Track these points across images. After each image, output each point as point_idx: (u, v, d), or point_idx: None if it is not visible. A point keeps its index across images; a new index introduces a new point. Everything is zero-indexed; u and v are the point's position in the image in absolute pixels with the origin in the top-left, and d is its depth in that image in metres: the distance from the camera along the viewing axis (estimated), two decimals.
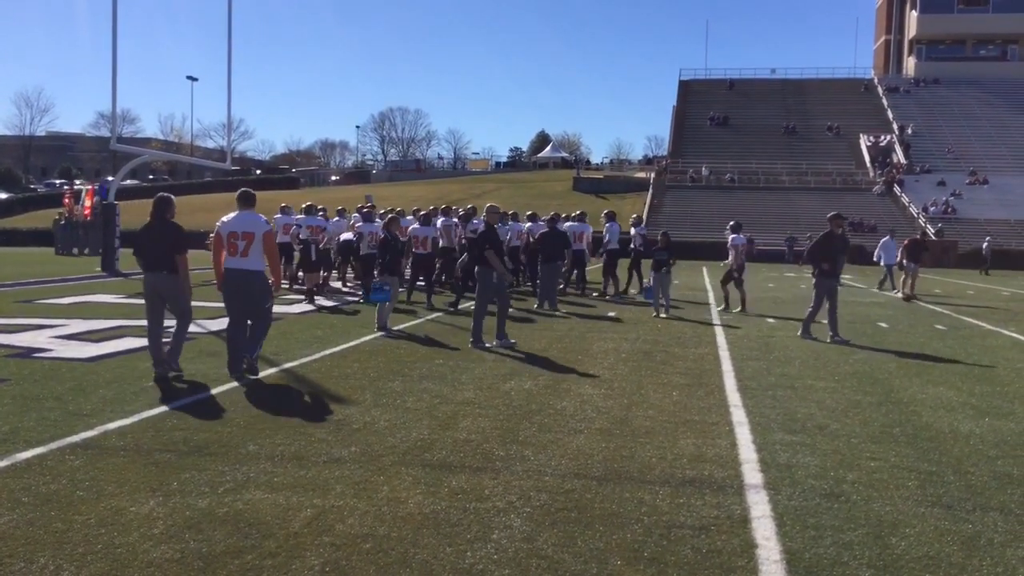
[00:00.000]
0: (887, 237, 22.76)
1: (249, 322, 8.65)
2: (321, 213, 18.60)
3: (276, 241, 9.28)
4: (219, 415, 6.74)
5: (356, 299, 16.64)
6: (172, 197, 8.82)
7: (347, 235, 18.13)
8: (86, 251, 32.86)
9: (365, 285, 17.39)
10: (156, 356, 8.38)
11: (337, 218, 19.82)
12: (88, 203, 33.55)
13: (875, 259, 23.18)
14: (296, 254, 17.65)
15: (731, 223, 16.90)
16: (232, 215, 8.62)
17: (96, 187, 33.66)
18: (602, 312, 15.39)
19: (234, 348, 8.54)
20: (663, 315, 14.50)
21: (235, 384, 7.99)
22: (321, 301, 15.96)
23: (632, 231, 19.73)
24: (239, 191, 8.98)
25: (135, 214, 39.39)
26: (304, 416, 6.78)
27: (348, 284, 19.66)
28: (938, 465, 5.81)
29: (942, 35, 79.09)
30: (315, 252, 16.81)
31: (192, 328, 11.06)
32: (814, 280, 12.34)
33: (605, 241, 19.12)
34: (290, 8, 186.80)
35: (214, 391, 7.65)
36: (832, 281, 12.17)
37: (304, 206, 18.54)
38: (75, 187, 41.45)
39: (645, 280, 18.18)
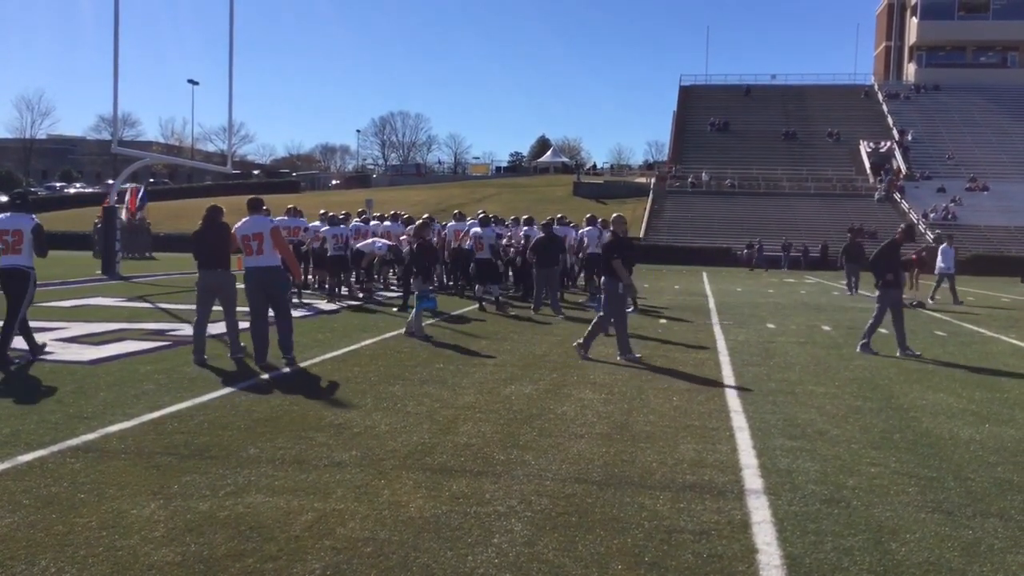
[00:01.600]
0: (944, 244, 21.60)
1: (273, 319, 9.52)
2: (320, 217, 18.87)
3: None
4: (220, 418, 6.74)
5: (358, 302, 16.66)
6: (220, 207, 9.85)
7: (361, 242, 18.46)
8: (130, 255, 32.57)
9: (330, 286, 17.90)
10: (199, 345, 9.36)
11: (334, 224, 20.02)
12: (131, 206, 33.20)
13: (936, 269, 21.50)
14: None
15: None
16: (245, 220, 9.57)
17: (139, 190, 33.28)
18: None
19: (259, 340, 9.42)
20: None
21: (235, 388, 8.00)
22: (320, 304, 15.98)
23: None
24: (247, 199, 9.79)
25: None
26: (305, 420, 6.79)
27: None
28: (938, 471, 5.82)
29: (942, 41, 79.19)
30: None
31: (192, 332, 11.16)
32: (878, 292, 11.79)
33: (584, 245, 19.29)
34: (291, 13, 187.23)
35: (215, 394, 7.65)
36: (898, 292, 11.66)
37: (287, 208, 18.99)
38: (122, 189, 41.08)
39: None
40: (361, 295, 18.17)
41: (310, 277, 19.67)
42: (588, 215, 20.41)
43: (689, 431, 6.76)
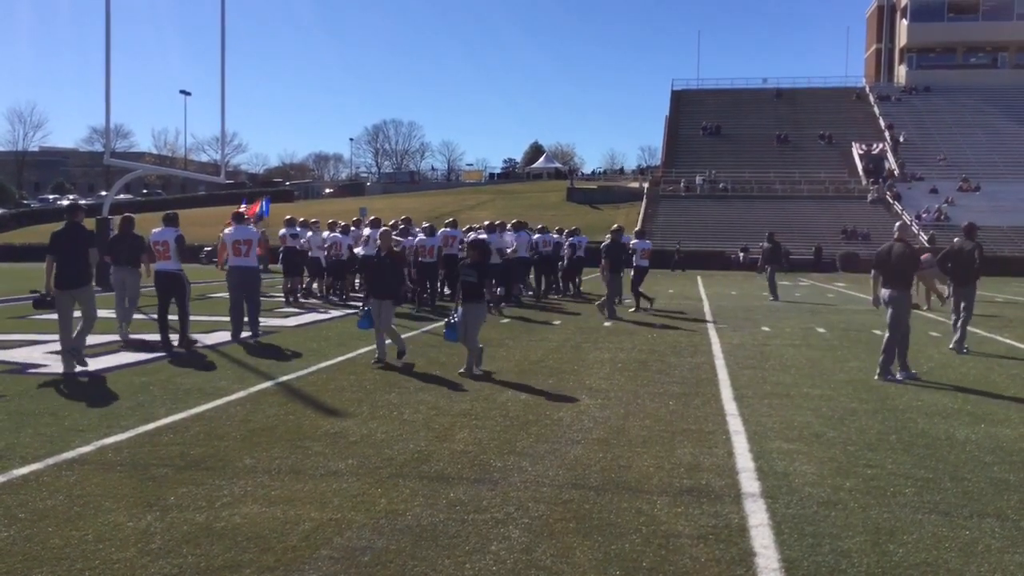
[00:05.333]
0: None
1: (246, 305, 12.23)
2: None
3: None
4: (215, 429, 6.72)
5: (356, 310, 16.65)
6: (133, 218, 12.39)
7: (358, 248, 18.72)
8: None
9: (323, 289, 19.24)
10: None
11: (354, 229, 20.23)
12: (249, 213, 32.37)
13: None
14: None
15: (425, 225, 18.92)
16: (232, 228, 12.21)
17: (262, 202, 32.57)
18: (598, 323, 15.41)
19: (236, 321, 12.11)
20: (477, 370, 9.59)
21: (231, 397, 7.98)
22: (316, 313, 15.96)
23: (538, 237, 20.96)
24: (232, 213, 12.81)
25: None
26: (301, 429, 6.77)
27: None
28: (935, 472, 5.83)
29: (932, 43, 79.47)
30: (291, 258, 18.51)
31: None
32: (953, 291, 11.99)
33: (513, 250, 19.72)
34: (282, 22, 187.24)
35: (210, 405, 7.63)
36: (971, 290, 11.83)
37: (286, 219, 20.03)
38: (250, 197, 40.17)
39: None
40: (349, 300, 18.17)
41: (313, 284, 19.94)
42: (514, 220, 20.53)
43: (685, 435, 6.76)
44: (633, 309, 17.74)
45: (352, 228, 20.27)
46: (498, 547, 4.30)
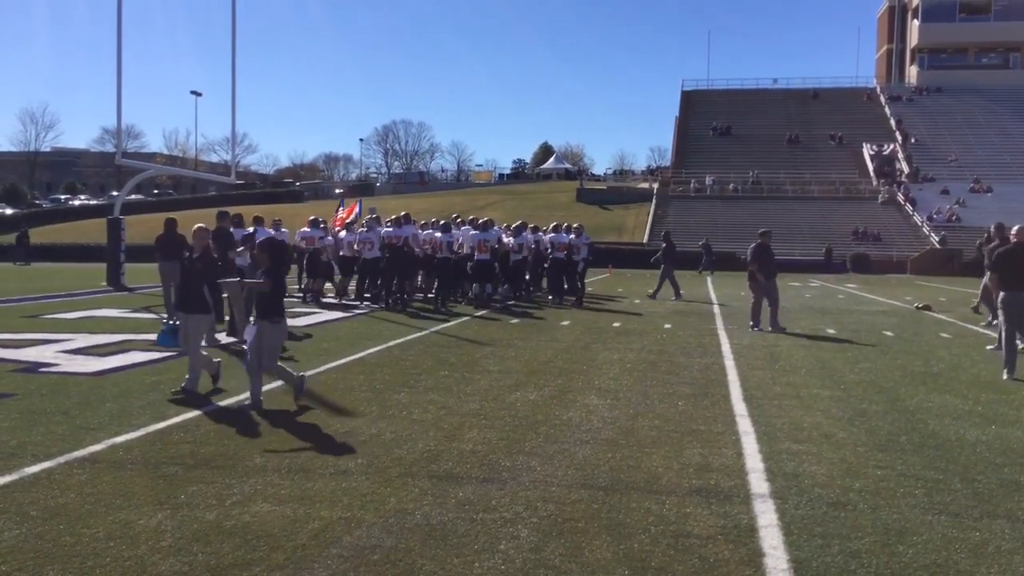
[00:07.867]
0: None
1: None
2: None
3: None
4: (225, 428, 6.75)
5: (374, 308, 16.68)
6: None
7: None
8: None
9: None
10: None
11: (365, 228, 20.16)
12: (343, 217, 31.12)
13: None
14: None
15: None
16: (250, 230, 14.03)
17: (357, 205, 31.72)
18: (607, 323, 15.41)
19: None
20: (301, 400, 7.75)
21: (240, 396, 7.99)
22: (325, 314, 16.01)
23: (510, 240, 20.15)
24: (253, 216, 15.13)
25: (140, 228, 39.55)
26: (310, 428, 6.80)
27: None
28: (945, 473, 5.81)
29: (944, 44, 79.15)
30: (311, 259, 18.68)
31: None
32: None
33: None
34: (292, 23, 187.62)
35: (220, 404, 7.67)
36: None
37: (308, 219, 20.03)
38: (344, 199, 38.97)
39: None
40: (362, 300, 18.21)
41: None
42: (475, 218, 19.99)
43: (695, 436, 6.76)
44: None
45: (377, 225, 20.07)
46: (507, 546, 4.31)
